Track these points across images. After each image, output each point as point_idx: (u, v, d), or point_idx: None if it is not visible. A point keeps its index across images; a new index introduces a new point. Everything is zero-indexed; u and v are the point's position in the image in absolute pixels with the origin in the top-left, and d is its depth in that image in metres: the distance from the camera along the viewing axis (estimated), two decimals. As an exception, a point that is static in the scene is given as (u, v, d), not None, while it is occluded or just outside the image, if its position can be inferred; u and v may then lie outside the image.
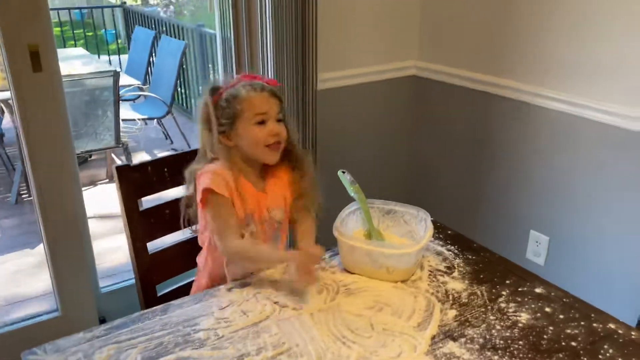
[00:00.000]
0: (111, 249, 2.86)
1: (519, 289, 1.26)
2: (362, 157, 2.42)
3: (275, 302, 1.20)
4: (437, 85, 2.34)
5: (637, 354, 1.06)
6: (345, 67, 2.25)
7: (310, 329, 1.13)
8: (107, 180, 3.79)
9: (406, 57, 2.41)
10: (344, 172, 1.44)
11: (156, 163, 1.43)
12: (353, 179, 1.43)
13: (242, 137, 1.27)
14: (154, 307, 1.21)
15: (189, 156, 1.46)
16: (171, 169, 1.45)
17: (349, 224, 1.40)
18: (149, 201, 1.47)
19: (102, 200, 3.48)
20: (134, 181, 1.39)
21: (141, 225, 1.40)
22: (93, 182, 3.76)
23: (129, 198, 1.38)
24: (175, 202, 1.46)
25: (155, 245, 1.46)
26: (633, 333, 1.11)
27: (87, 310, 2.02)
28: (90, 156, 4.00)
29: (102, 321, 2.11)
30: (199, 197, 1.27)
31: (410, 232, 1.42)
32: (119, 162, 3.93)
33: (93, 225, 2.20)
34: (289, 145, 1.34)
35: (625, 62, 1.69)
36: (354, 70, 2.28)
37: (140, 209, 1.41)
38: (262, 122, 1.27)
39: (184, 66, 4.61)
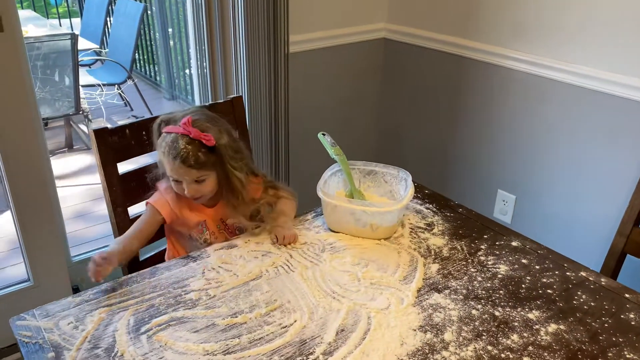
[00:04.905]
0: (78, 218, 2.80)
1: (496, 243, 1.32)
2: (333, 119, 2.43)
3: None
4: (407, 48, 2.36)
5: (607, 298, 1.13)
6: (315, 30, 2.24)
7: (300, 285, 1.15)
8: (67, 149, 3.67)
9: (376, 20, 2.41)
10: (324, 135, 1.45)
11: (135, 126, 1.40)
12: (333, 141, 1.44)
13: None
14: (141, 271, 1.21)
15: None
16: (150, 133, 1.41)
17: (331, 185, 1.42)
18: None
19: (64, 170, 3.37)
20: (112, 145, 1.36)
21: (121, 189, 1.38)
22: (51, 152, 3.62)
23: (108, 162, 1.35)
24: (155, 165, 1.44)
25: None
26: (603, 280, 1.19)
27: (60, 279, 1.99)
28: (47, 124, 3.84)
29: (76, 290, 2.08)
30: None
31: (390, 191, 1.46)
32: (79, 130, 3.80)
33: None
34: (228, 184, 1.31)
35: (589, 25, 1.75)
36: (324, 32, 2.26)
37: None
38: (179, 181, 1.28)
39: (143, 29, 4.45)
